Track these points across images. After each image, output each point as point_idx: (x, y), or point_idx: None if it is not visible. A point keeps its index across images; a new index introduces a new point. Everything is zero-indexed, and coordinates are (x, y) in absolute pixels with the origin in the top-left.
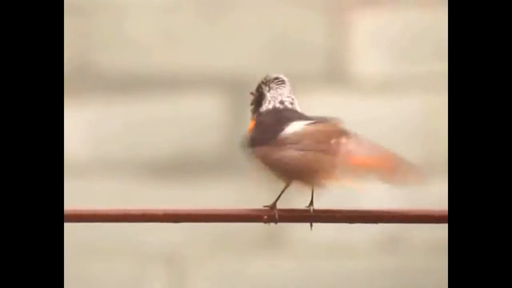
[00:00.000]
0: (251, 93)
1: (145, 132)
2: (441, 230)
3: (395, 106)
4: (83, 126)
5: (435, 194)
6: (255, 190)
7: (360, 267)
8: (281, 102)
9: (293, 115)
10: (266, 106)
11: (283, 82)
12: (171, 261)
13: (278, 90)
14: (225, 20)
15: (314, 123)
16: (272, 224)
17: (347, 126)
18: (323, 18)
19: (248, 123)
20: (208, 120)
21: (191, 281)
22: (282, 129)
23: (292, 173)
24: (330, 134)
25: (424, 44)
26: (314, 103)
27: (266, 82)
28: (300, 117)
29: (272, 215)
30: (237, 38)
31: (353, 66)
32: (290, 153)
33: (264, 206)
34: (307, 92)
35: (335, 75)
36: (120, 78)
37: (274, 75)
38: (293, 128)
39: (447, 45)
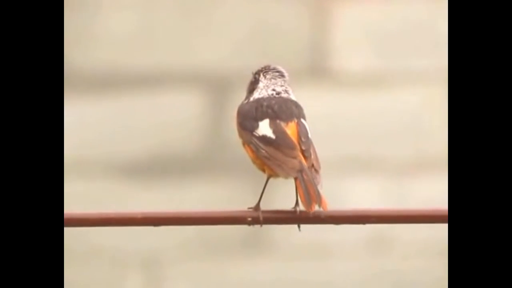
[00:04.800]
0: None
1: (122, 132)
2: (429, 230)
3: (379, 100)
4: None
5: (422, 193)
6: (237, 191)
7: (344, 268)
8: (274, 90)
9: (271, 110)
10: (258, 93)
11: (279, 72)
12: (148, 265)
13: (273, 80)
14: (206, 16)
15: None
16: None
17: (328, 119)
18: (307, 11)
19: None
20: (189, 118)
21: (168, 284)
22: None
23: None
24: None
25: (409, 38)
26: (298, 97)
27: (263, 70)
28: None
29: (256, 216)
30: (218, 34)
31: (336, 61)
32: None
33: (249, 208)
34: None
35: (319, 69)
36: (96, 77)
37: (273, 66)
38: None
39: (433, 39)
